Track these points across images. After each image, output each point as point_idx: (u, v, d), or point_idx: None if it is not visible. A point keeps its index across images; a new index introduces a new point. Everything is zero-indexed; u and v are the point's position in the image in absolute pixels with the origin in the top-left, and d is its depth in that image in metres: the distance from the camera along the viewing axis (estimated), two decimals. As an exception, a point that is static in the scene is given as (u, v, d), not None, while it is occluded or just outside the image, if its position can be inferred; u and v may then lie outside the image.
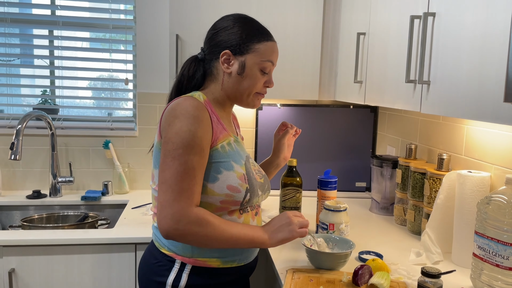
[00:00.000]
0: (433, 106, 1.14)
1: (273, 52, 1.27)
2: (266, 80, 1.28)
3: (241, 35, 1.23)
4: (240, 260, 1.26)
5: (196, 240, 1.13)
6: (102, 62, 2.30)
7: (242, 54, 1.23)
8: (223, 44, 1.24)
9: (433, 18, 1.14)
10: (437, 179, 1.55)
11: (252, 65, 1.23)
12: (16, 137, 1.91)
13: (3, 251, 1.59)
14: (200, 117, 1.14)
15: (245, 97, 1.27)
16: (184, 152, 1.11)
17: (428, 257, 1.43)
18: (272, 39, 1.28)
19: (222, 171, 1.18)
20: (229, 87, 1.26)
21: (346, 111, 2.30)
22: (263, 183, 1.31)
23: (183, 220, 1.09)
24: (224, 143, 1.22)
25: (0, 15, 2.18)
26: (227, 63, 1.24)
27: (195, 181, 1.12)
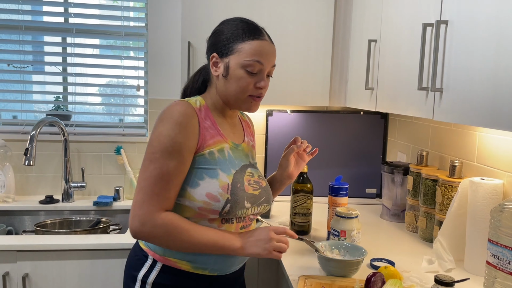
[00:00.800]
0: (446, 114, 1.14)
1: (260, 52, 1.19)
2: (257, 81, 1.21)
3: (226, 36, 1.21)
4: (212, 270, 1.22)
5: (162, 243, 1.15)
6: (114, 69, 2.33)
7: (226, 55, 1.20)
8: (212, 48, 1.24)
9: (445, 26, 1.14)
10: (449, 186, 1.54)
11: (235, 66, 1.19)
12: (30, 143, 1.94)
13: (17, 255, 1.61)
14: (183, 123, 1.14)
15: (234, 99, 1.23)
16: (160, 157, 1.12)
17: (441, 265, 1.42)
18: (260, 38, 1.21)
19: (205, 177, 1.17)
20: (220, 91, 1.24)
21: (356, 117, 2.30)
22: (257, 195, 1.26)
23: (148, 223, 1.11)
24: (213, 149, 1.20)
25: (15, 22, 2.22)
26: (215, 66, 1.23)
27: (168, 187, 1.13)
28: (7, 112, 2.36)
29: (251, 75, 1.20)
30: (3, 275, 1.59)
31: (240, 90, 1.20)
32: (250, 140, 1.39)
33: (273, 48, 1.25)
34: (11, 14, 2.27)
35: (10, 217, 2.09)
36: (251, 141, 1.40)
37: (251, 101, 1.24)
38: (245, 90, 1.21)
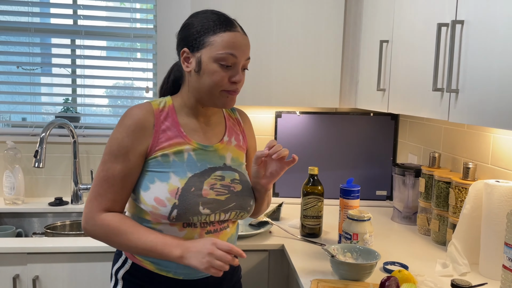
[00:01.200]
0: (462, 115, 1.12)
1: (233, 44, 1.14)
2: (231, 75, 1.15)
3: (196, 29, 1.15)
4: (176, 273, 1.18)
5: (104, 242, 1.16)
6: (123, 71, 2.33)
7: (198, 49, 1.15)
8: (182, 43, 1.18)
9: (461, 26, 1.13)
10: (463, 189, 1.52)
11: (207, 60, 1.14)
12: (40, 145, 1.94)
13: (27, 258, 1.61)
14: (132, 127, 1.14)
15: (209, 96, 1.17)
16: (108, 159, 1.15)
17: (455, 269, 1.40)
18: (232, 30, 1.15)
19: (156, 181, 1.15)
20: (192, 87, 1.19)
21: (366, 119, 2.28)
22: (222, 201, 1.19)
23: (89, 222, 1.15)
24: (168, 152, 1.16)
25: (24, 25, 2.23)
26: (187, 62, 1.18)
27: (113, 189, 1.14)
28: (16, 114, 2.37)
29: (225, 69, 1.15)
30: (13, 278, 1.59)
31: (214, 85, 1.15)
32: (235, 140, 1.31)
33: (247, 40, 1.20)
34: (20, 16, 2.27)
35: (20, 219, 2.09)
36: (236, 140, 1.31)
37: (226, 96, 1.18)
38: (219, 85, 1.15)
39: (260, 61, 1.94)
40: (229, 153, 1.27)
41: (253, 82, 1.95)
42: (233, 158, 1.27)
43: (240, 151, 1.31)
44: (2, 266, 1.59)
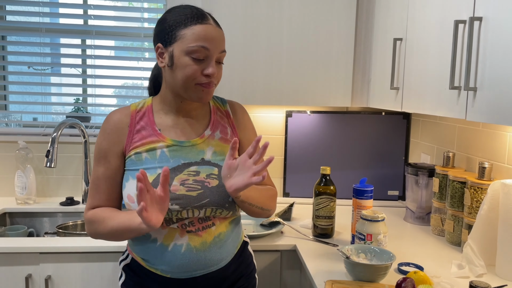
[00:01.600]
0: (480, 114, 1.10)
1: (204, 36, 1.13)
2: (204, 68, 1.14)
3: (168, 23, 1.16)
4: (163, 271, 1.19)
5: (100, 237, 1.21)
6: (133, 71, 2.33)
7: (170, 44, 1.15)
8: (156, 38, 1.19)
9: (479, 22, 1.10)
10: (478, 189, 1.50)
11: (179, 54, 1.13)
12: (52, 144, 1.94)
13: (40, 258, 1.61)
14: (108, 130, 1.21)
15: (183, 89, 1.17)
16: (94, 164, 1.24)
17: (471, 270, 1.37)
18: (204, 22, 1.14)
19: (129, 179, 1.19)
20: (168, 83, 1.20)
21: (378, 118, 2.26)
22: (193, 196, 1.16)
23: (85, 222, 1.23)
24: (141, 150, 1.19)
25: (35, 25, 2.23)
26: (161, 57, 1.18)
27: (99, 189, 1.22)
28: (27, 114, 2.38)
29: (198, 62, 1.14)
30: (26, 277, 1.59)
31: (187, 79, 1.14)
32: (221, 133, 1.28)
33: (220, 32, 1.18)
34: (31, 17, 2.28)
35: (31, 218, 2.09)
36: (221, 134, 1.28)
37: (201, 89, 1.17)
38: (192, 78, 1.14)
39: (270, 60, 1.93)
40: (210, 147, 1.24)
41: (264, 81, 1.94)
42: (216, 152, 1.24)
43: (225, 145, 1.27)
44: (14, 266, 1.60)
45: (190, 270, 1.19)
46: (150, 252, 1.20)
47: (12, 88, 2.37)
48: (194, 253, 1.18)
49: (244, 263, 1.34)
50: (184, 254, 1.17)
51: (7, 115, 2.39)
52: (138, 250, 1.23)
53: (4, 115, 2.38)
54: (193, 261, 1.18)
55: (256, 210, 1.26)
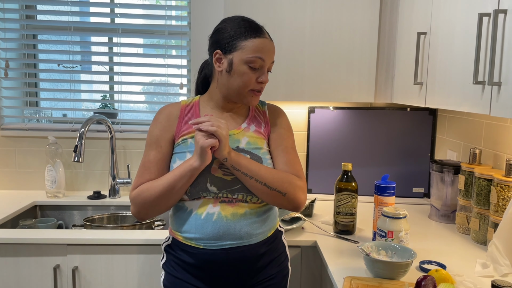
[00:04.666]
0: (505, 109, 1.07)
1: (262, 48, 1.29)
2: (258, 76, 1.30)
3: (229, 33, 1.30)
4: (197, 240, 1.30)
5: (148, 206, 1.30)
6: (158, 68, 2.37)
7: (230, 52, 1.29)
8: (215, 45, 1.32)
9: (504, 15, 1.07)
10: (505, 186, 1.45)
11: (239, 62, 1.28)
12: (79, 140, 2.00)
13: (67, 249, 1.67)
14: (160, 119, 1.37)
15: (237, 94, 1.32)
16: (146, 149, 1.37)
17: (496, 269, 1.34)
18: (261, 36, 1.30)
19: (177, 160, 1.33)
20: (222, 85, 1.34)
21: (403, 114, 2.22)
22: (228, 181, 1.30)
23: (131, 198, 1.33)
24: (187, 137, 1.34)
25: (64, 23, 2.30)
26: (219, 62, 1.32)
27: (149, 171, 1.33)
28: (57, 111, 2.46)
29: (253, 71, 1.29)
30: (54, 268, 1.66)
31: (243, 85, 1.30)
32: (256, 126, 1.40)
33: (273, 45, 1.34)
34: (60, 16, 2.35)
35: (61, 211, 2.17)
36: (256, 127, 1.40)
37: (252, 95, 1.34)
38: (247, 85, 1.30)
39: (293, 56, 1.92)
40: (245, 137, 1.37)
41: (286, 77, 1.94)
42: (249, 142, 1.37)
43: (259, 136, 1.40)
44: (43, 257, 1.66)
45: (221, 239, 1.29)
46: (186, 223, 1.32)
47: (42, 86, 2.45)
48: (225, 222, 1.28)
49: (276, 250, 1.40)
50: (215, 222, 1.28)
51: (38, 111, 2.48)
52: (176, 225, 1.35)
53: (35, 112, 2.47)
54: (223, 230, 1.28)
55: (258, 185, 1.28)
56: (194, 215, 1.31)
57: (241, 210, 1.30)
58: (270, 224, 1.38)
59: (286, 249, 1.46)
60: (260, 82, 1.32)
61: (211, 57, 1.34)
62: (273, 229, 1.40)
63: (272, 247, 1.38)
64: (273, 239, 1.39)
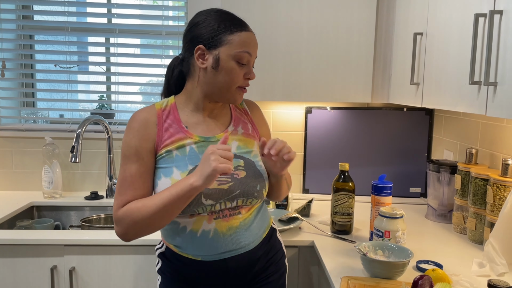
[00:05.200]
0: (501, 109, 1.07)
1: (249, 43, 1.22)
2: (246, 72, 1.23)
3: (213, 27, 1.20)
4: (194, 254, 1.24)
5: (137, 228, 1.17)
6: (155, 68, 2.37)
7: (215, 47, 1.20)
8: (196, 40, 1.21)
9: (500, 16, 1.08)
10: (501, 186, 1.46)
11: (226, 58, 1.19)
12: (76, 140, 2.00)
13: (64, 250, 1.66)
14: (136, 128, 1.21)
15: (225, 91, 1.23)
16: (123, 162, 1.22)
17: (492, 269, 1.35)
18: (247, 29, 1.23)
19: (162, 177, 1.21)
20: (205, 83, 1.23)
21: (400, 114, 2.23)
22: (225, 190, 1.21)
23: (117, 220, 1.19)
24: (171, 148, 1.21)
25: (61, 24, 2.30)
26: (202, 58, 1.21)
27: (133, 187, 1.19)
28: (54, 111, 2.45)
29: (241, 66, 1.21)
30: (51, 269, 1.65)
31: (231, 82, 1.22)
32: (243, 128, 1.34)
33: (256, 39, 1.26)
34: (57, 16, 2.35)
35: (58, 212, 2.16)
36: (243, 129, 1.34)
37: (239, 92, 1.25)
38: (236, 81, 1.22)
39: (290, 56, 1.93)
40: (234, 141, 1.30)
41: (283, 77, 1.94)
42: (240, 146, 1.30)
43: (249, 139, 1.33)
44: (40, 257, 1.66)
45: (219, 252, 1.24)
46: (181, 239, 1.25)
47: (39, 86, 2.45)
48: (221, 238, 1.23)
49: (273, 249, 1.38)
50: (212, 239, 1.23)
51: (34, 112, 2.48)
52: (170, 239, 1.28)
53: (32, 112, 2.47)
54: (221, 244, 1.23)
55: (286, 186, 1.41)
56: (189, 232, 1.23)
57: (236, 222, 1.25)
58: (265, 223, 1.36)
59: (282, 246, 1.44)
60: (248, 78, 1.24)
61: (190, 53, 1.23)
62: (268, 228, 1.37)
63: (268, 247, 1.35)
64: (268, 239, 1.36)
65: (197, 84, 1.25)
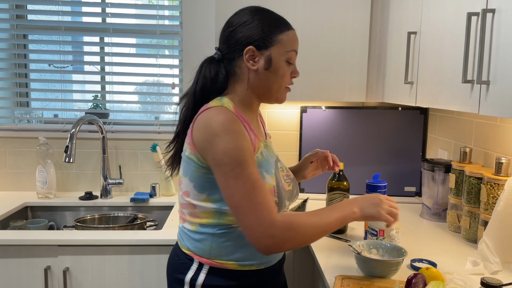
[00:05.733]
0: (493, 108, 1.08)
1: (295, 41, 1.22)
2: (292, 70, 1.23)
3: (263, 27, 1.16)
4: (258, 264, 1.21)
5: (295, 244, 1.09)
6: (150, 68, 2.36)
7: (266, 47, 1.16)
8: (245, 41, 1.17)
9: (492, 14, 1.08)
10: (495, 185, 1.47)
11: (278, 58, 1.17)
12: (70, 140, 1.99)
13: (58, 250, 1.66)
14: (240, 130, 1.09)
15: (275, 92, 1.21)
16: (242, 170, 1.06)
17: (486, 267, 1.35)
18: (292, 28, 1.22)
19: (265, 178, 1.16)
20: (256, 85, 1.19)
21: (395, 113, 2.23)
22: (291, 190, 1.25)
23: (275, 232, 1.05)
24: (258, 153, 1.16)
25: (55, 23, 2.29)
26: (252, 60, 1.17)
27: (265, 191, 1.08)
28: (48, 111, 2.44)
29: (289, 66, 1.21)
30: (44, 269, 1.65)
31: (282, 81, 1.20)
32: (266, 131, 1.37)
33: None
34: (51, 16, 2.33)
35: (52, 212, 2.16)
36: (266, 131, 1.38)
37: (286, 91, 1.25)
38: (285, 81, 1.22)
39: (285, 56, 1.92)
40: (271, 142, 1.34)
41: (278, 76, 1.93)
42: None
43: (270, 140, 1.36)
44: (34, 258, 1.65)
45: (278, 255, 1.28)
46: (247, 250, 1.18)
47: (33, 86, 2.44)
48: None
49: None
50: None
51: (28, 111, 2.46)
52: (229, 255, 1.17)
53: (26, 112, 2.45)
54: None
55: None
56: None
57: None
58: None
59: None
60: (293, 77, 1.23)
61: (236, 54, 1.18)
62: None
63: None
64: None
65: (247, 85, 1.20)
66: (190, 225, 1.20)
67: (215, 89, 1.21)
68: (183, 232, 1.23)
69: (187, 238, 1.21)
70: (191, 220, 1.19)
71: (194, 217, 1.19)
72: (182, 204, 1.22)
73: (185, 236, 1.22)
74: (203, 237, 1.17)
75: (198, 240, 1.18)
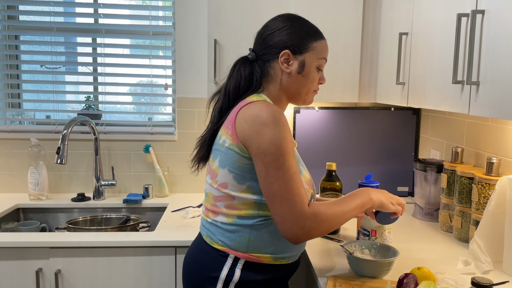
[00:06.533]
0: (483, 108, 1.08)
1: (326, 50, 1.31)
2: (320, 76, 1.31)
3: (300, 34, 1.25)
4: (289, 258, 1.27)
5: (321, 232, 1.15)
6: (143, 68, 2.36)
7: (301, 53, 1.25)
8: (281, 44, 1.25)
9: (482, 15, 1.09)
10: (486, 184, 1.47)
11: (310, 63, 1.26)
12: (62, 141, 1.98)
13: (50, 252, 1.64)
14: (286, 123, 1.15)
15: (304, 94, 1.29)
16: (284, 160, 1.11)
17: (477, 266, 1.36)
18: (324, 37, 1.31)
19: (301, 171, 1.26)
20: (288, 87, 1.27)
21: (387, 114, 2.24)
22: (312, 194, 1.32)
23: (305, 223, 1.11)
24: (295, 148, 1.28)
25: (46, 24, 2.28)
26: (287, 63, 1.25)
27: (300, 183, 1.14)
28: (40, 112, 2.43)
29: (318, 72, 1.29)
30: (36, 271, 1.63)
31: (311, 85, 1.29)
32: None
33: None
34: (43, 16, 2.32)
35: (44, 214, 2.14)
36: None
37: (314, 95, 1.33)
38: (314, 86, 1.30)
39: (277, 56, 1.92)
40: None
41: (270, 77, 1.93)
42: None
43: None
44: (25, 260, 1.64)
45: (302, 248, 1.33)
46: (281, 242, 1.23)
47: (25, 87, 2.42)
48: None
49: None
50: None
51: (20, 113, 2.45)
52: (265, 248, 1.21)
53: (18, 113, 2.44)
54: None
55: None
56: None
57: None
58: None
59: None
60: (320, 83, 1.32)
61: (271, 56, 1.25)
62: None
63: None
64: None
65: (279, 87, 1.28)
66: (225, 217, 1.21)
67: (250, 87, 1.29)
68: (214, 226, 1.24)
69: (220, 232, 1.22)
70: (228, 212, 1.21)
71: (231, 209, 1.21)
72: (217, 197, 1.23)
73: (218, 230, 1.23)
74: (240, 229, 1.20)
75: (235, 233, 1.20)
